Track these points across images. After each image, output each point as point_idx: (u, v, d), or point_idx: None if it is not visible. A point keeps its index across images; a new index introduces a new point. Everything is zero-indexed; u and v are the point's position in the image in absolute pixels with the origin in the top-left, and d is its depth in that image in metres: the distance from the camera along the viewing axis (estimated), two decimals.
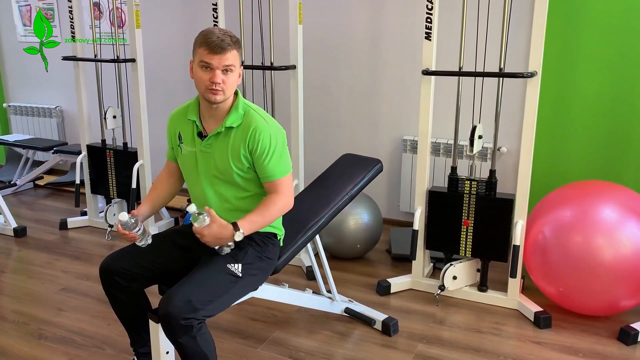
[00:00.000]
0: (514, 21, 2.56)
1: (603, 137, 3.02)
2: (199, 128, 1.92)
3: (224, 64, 1.77)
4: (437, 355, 2.33)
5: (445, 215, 2.74)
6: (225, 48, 1.76)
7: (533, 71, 2.44)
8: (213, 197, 1.90)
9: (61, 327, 2.57)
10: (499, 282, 2.80)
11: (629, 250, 2.40)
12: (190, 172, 1.97)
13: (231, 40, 1.79)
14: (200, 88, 1.82)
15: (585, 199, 2.60)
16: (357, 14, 3.65)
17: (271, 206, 1.88)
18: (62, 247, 3.51)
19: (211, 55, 1.76)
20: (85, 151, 3.70)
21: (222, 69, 1.78)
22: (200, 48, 1.78)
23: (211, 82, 1.77)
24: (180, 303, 1.69)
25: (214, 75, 1.77)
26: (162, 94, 4.40)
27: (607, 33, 2.91)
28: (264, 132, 1.85)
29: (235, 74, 1.82)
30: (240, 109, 1.89)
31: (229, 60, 1.78)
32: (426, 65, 2.63)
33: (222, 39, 1.76)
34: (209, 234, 1.76)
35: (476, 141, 2.61)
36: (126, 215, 1.80)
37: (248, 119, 1.87)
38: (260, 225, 1.87)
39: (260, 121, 1.87)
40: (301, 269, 3.13)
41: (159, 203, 2.08)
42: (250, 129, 1.85)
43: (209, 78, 1.78)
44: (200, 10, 4.03)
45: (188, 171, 1.98)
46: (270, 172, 1.88)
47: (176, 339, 1.70)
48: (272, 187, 1.90)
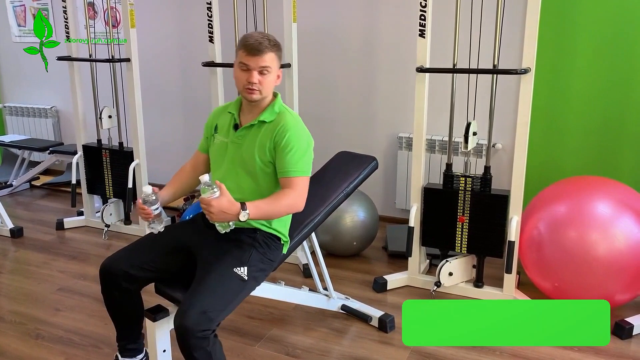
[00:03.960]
0: (507, 18, 2.57)
1: (597, 133, 3.03)
2: (236, 120, 2.02)
3: (261, 65, 1.87)
4: (434, 351, 2.34)
5: (441, 211, 2.75)
6: (262, 50, 1.86)
7: (526, 67, 2.45)
8: (232, 186, 1.91)
9: (58, 327, 2.57)
10: (494, 278, 2.81)
11: (623, 245, 2.41)
12: (218, 161, 2.04)
13: (269, 43, 1.89)
14: (238, 87, 1.94)
15: (580, 194, 2.61)
16: (351, 12, 3.65)
17: (281, 199, 1.89)
18: (58, 247, 3.51)
19: (249, 56, 1.87)
20: (81, 151, 3.70)
21: (259, 69, 1.88)
22: (240, 50, 1.90)
23: (248, 82, 1.88)
24: (195, 315, 1.67)
25: (250, 75, 1.88)
26: (158, 93, 4.40)
27: (601, 28, 2.92)
28: (292, 129, 1.93)
29: (272, 75, 1.92)
30: (276, 108, 1.98)
31: (266, 62, 1.88)
32: (420, 63, 2.64)
33: (259, 42, 1.87)
34: (217, 205, 1.73)
35: (471, 138, 2.62)
36: (150, 188, 1.84)
37: (280, 117, 1.96)
38: (265, 214, 1.86)
39: (291, 120, 1.96)
40: (298, 266, 3.14)
41: (180, 191, 2.12)
42: (280, 125, 1.93)
43: (246, 78, 1.89)
44: (194, 9, 4.03)
45: (215, 160, 2.05)
46: (288, 167, 1.91)
47: (192, 352, 1.67)
48: (287, 182, 1.92)
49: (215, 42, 3.18)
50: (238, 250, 1.90)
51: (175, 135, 4.52)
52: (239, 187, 1.95)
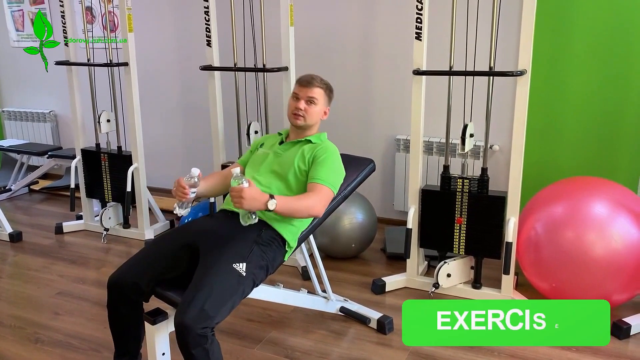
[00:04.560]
0: (503, 20, 2.58)
1: (593, 134, 3.05)
2: (283, 139, 2.30)
3: (308, 95, 2.18)
4: (432, 353, 2.34)
5: (439, 213, 2.76)
6: (312, 83, 2.20)
7: (522, 69, 2.46)
8: (260, 185, 2.06)
9: (58, 331, 2.58)
10: (492, 279, 2.82)
11: (620, 245, 2.43)
12: (254, 166, 2.23)
13: (320, 81, 2.23)
14: (288, 113, 2.24)
15: (577, 195, 2.62)
16: (348, 15, 3.67)
17: (305, 199, 2.03)
18: (57, 251, 3.51)
19: (300, 87, 2.21)
20: (80, 155, 3.71)
21: (306, 99, 2.19)
22: (295, 84, 2.25)
23: (295, 107, 2.19)
24: (194, 313, 1.70)
25: (298, 102, 2.19)
26: (156, 97, 4.41)
27: (597, 29, 2.94)
28: (333, 152, 2.19)
29: (317, 107, 2.21)
30: (322, 137, 2.27)
31: (314, 94, 2.19)
32: (417, 65, 2.65)
33: (312, 77, 2.22)
34: (248, 192, 1.83)
35: (467, 139, 2.63)
36: (197, 171, 1.96)
37: (324, 142, 2.24)
38: (289, 209, 1.97)
39: (332, 146, 2.23)
40: (296, 269, 3.15)
41: (212, 188, 2.24)
42: (322, 145, 2.21)
43: (295, 105, 2.19)
44: (192, 13, 4.04)
45: (252, 165, 2.24)
46: (319, 175, 2.09)
47: (190, 350, 1.70)
48: (313, 187, 2.08)
49: (213, 46, 3.20)
50: (240, 245, 1.93)
51: (174, 138, 4.53)
52: (268, 189, 2.09)
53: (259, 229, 2.01)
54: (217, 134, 3.30)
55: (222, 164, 3.29)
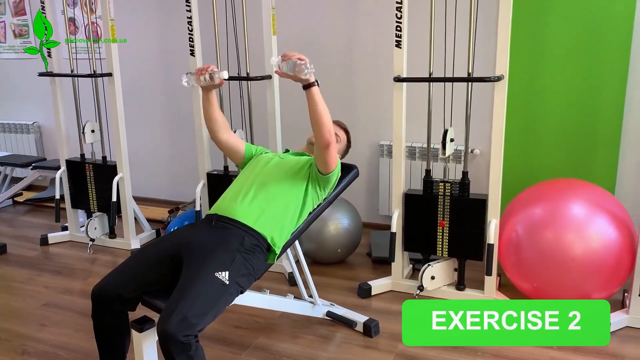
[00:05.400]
0: (481, 28, 2.64)
1: (571, 137, 3.11)
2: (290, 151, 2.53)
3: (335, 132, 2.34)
4: (417, 354, 2.38)
5: (422, 217, 2.81)
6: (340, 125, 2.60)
7: (500, 75, 2.53)
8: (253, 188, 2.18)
9: (44, 342, 2.57)
10: (476, 281, 2.87)
11: (598, 245, 2.48)
12: (254, 165, 2.32)
13: (342, 123, 2.63)
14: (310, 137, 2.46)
15: (555, 196, 2.68)
16: (330, 24, 3.72)
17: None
18: (43, 262, 3.50)
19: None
20: (65, 166, 3.71)
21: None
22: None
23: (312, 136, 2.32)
24: (177, 321, 1.71)
25: None
26: (140, 107, 4.42)
27: (572, 36, 3.00)
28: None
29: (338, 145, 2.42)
30: None
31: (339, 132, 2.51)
32: (397, 72, 2.70)
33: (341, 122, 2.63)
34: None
35: (448, 144, 2.69)
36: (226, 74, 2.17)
37: None
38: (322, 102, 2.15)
39: None
40: (283, 275, 3.17)
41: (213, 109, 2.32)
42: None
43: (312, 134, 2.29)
44: (175, 23, 4.07)
45: (253, 164, 2.33)
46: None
47: (174, 357, 1.71)
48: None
49: (196, 56, 3.22)
50: (222, 254, 1.94)
51: (159, 148, 4.54)
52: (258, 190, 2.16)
53: (242, 237, 2.03)
54: (202, 143, 3.32)
55: (207, 172, 3.31)
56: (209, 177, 3.30)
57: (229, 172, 3.30)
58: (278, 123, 3.15)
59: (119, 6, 3.47)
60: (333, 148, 2.15)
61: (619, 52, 2.93)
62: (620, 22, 2.90)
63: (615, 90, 2.99)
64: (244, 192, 2.17)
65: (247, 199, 2.14)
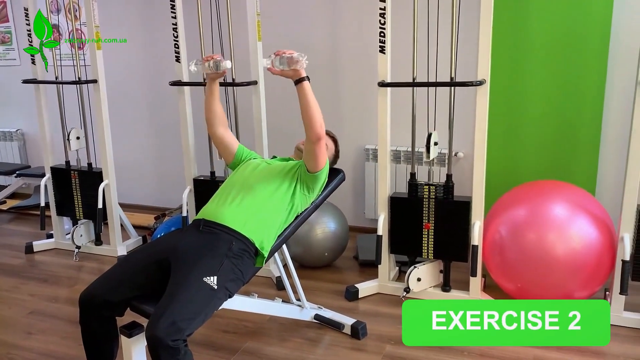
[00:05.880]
0: (463, 34, 2.70)
1: (552, 140, 3.17)
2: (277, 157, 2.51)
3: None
4: (405, 355, 2.41)
5: (407, 219, 2.85)
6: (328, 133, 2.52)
7: (482, 79, 2.58)
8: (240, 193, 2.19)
9: (31, 351, 2.56)
10: (461, 282, 2.90)
11: (579, 245, 2.54)
12: (242, 170, 2.34)
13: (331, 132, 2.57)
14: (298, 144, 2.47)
15: (538, 198, 2.74)
16: (314, 30, 3.76)
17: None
18: (28, 270, 3.47)
19: None
20: (50, 173, 3.69)
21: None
22: None
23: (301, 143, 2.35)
24: (165, 326, 1.72)
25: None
26: (126, 113, 4.41)
27: (552, 41, 3.07)
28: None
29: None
30: None
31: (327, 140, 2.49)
32: (382, 77, 2.74)
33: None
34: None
35: (432, 148, 2.73)
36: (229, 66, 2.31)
37: None
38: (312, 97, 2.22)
39: None
40: (271, 279, 3.19)
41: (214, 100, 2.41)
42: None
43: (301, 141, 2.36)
44: (160, 29, 4.07)
45: (241, 169, 2.35)
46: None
47: None
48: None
49: (182, 62, 3.23)
50: (210, 260, 1.95)
51: (145, 154, 4.53)
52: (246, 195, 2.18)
53: (230, 242, 2.04)
54: (188, 149, 3.33)
55: (194, 177, 3.32)
56: (196, 182, 3.31)
57: (215, 178, 3.31)
58: (264, 128, 3.17)
59: (103, 12, 3.47)
60: (323, 143, 2.20)
61: (598, 56, 3.00)
62: (597, 28, 2.97)
63: (595, 93, 3.06)
64: (231, 197, 2.19)
65: (234, 203, 2.16)
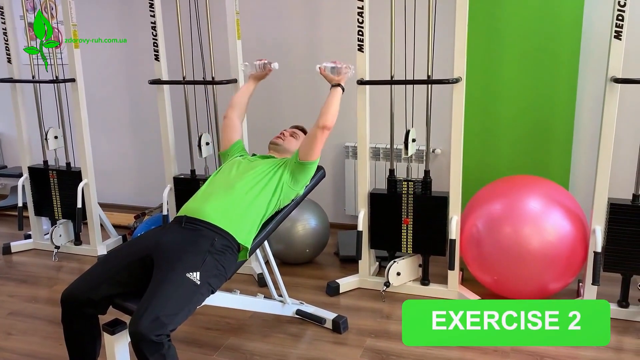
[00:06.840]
0: (439, 32, 2.75)
1: (527, 135, 3.25)
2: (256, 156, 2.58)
3: (294, 130, 2.66)
4: (385, 348, 2.46)
5: (387, 215, 2.90)
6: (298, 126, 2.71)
7: (458, 77, 2.63)
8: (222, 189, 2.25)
9: (11, 351, 2.54)
10: (439, 276, 2.96)
11: (553, 238, 2.61)
12: (226, 167, 2.40)
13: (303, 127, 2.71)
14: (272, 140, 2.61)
15: (513, 192, 2.80)
16: (293, 28, 3.78)
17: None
18: (6, 271, 3.44)
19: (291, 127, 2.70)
20: (27, 173, 3.65)
21: (291, 132, 2.63)
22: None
23: (280, 132, 2.63)
24: (148, 321, 1.73)
25: (285, 130, 2.64)
26: (105, 112, 4.38)
27: (526, 39, 3.14)
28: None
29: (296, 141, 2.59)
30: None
31: (297, 132, 2.66)
32: (360, 76, 2.78)
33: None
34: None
35: (410, 144, 2.78)
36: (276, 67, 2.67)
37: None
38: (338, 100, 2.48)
39: None
40: (252, 276, 3.21)
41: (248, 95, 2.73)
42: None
43: (281, 131, 2.63)
44: (138, 28, 4.06)
45: (225, 167, 2.42)
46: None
47: (147, 357, 1.73)
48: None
49: (161, 60, 3.23)
50: (193, 256, 1.97)
51: (124, 153, 4.51)
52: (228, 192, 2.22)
53: (212, 238, 2.06)
54: (168, 147, 3.33)
55: (174, 176, 3.32)
56: (176, 181, 3.31)
57: (196, 176, 3.31)
58: (245, 127, 3.18)
59: (81, 11, 3.45)
60: (326, 134, 2.36)
61: (569, 56, 3.09)
62: (569, 28, 3.06)
63: (567, 92, 3.14)
64: (214, 193, 2.21)
65: (216, 200, 2.17)
